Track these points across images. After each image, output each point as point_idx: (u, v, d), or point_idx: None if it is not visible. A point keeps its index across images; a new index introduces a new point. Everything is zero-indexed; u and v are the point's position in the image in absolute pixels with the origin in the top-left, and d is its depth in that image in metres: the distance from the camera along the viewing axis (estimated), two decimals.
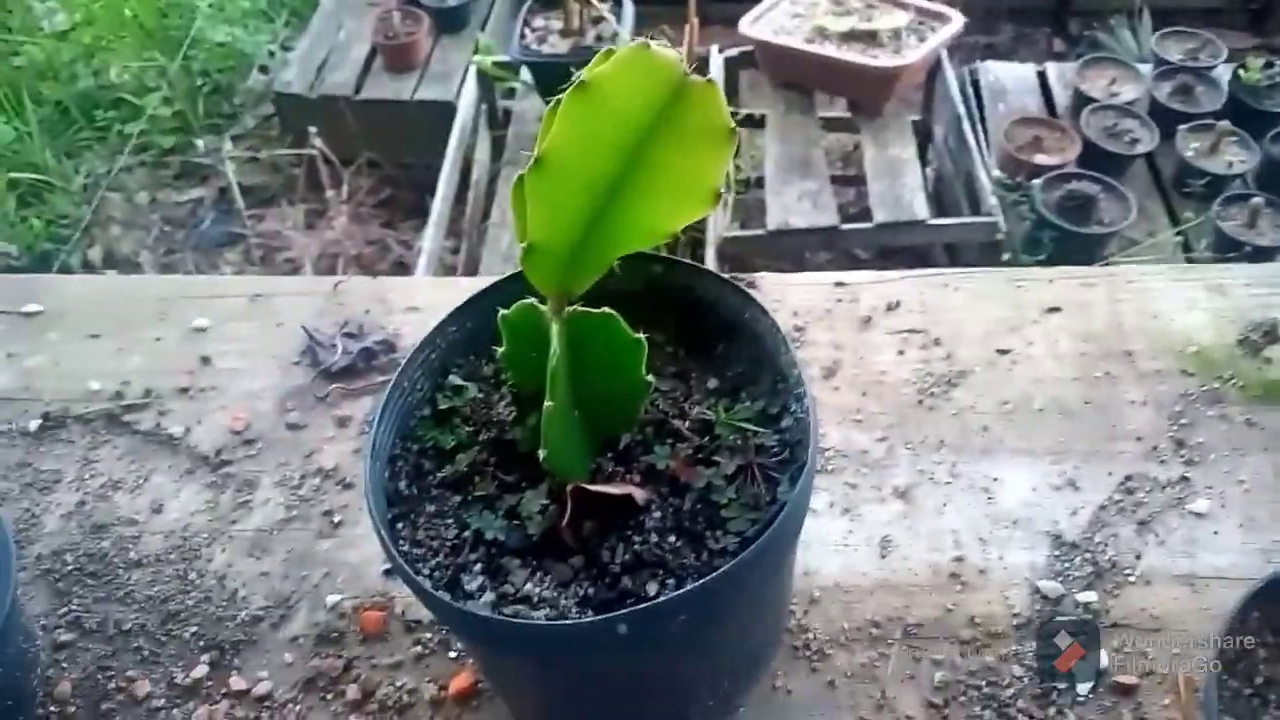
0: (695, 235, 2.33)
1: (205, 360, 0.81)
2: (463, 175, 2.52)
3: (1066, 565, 0.65)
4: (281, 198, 2.93)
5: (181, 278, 1.69)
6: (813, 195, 2.24)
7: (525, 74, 2.47)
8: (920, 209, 2.18)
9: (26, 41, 3.25)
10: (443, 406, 0.54)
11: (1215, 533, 0.66)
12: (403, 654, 0.65)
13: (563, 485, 0.50)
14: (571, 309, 0.47)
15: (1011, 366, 0.75)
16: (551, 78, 2.31)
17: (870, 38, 2.36)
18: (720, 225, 2.23)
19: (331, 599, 0.67)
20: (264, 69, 3.25)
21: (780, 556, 0.50)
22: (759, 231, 2.20)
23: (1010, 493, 0.69)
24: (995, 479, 0.70)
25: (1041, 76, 2.50)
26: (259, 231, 2.86)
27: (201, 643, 0.66)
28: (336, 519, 0.71)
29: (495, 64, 2.60)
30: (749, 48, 2.52)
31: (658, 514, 0.50)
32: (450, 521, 0.51)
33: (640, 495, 0.50)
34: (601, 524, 0.50)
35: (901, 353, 0.77)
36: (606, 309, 0.47)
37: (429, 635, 0.65)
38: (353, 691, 0.63)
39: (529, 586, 0.48)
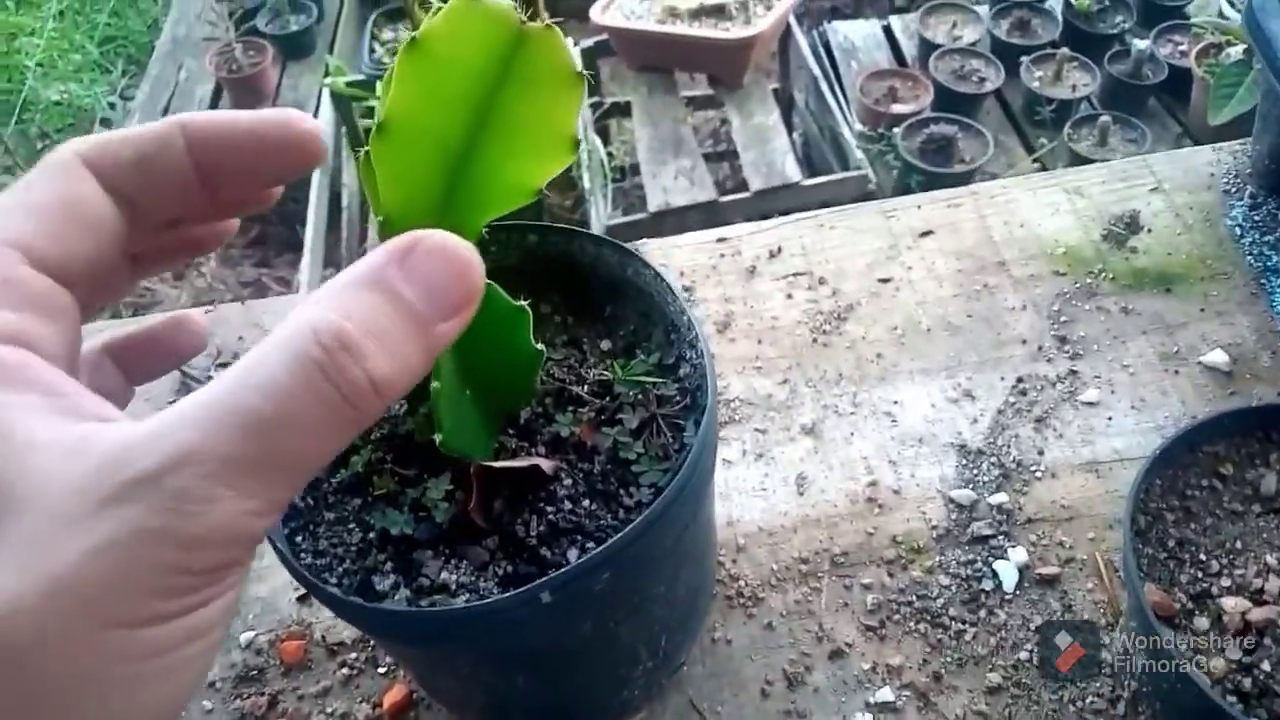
0: (580, 227, 2.32)
1: None
2: (333, 201, 2.46)
3: (975, 472, 0.67)
4: None
5: None
6: (688, 173, 2.26)
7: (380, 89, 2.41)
8: (793, 172, 2.22)
9: None
10: None
11: (1109, 418, 0.68)
12: (329, 679, 0.62)
13: (466, 468, 0.48)
14: None
15: (895, 293, 0.77)
16: None
17: (719, 12, 2.40)
18: (603, 215, 2.22)
19: (246, 636, 0.64)
20: (105, 122, 3.11)
21: (696, 502, 0.49)
22: (641, 216, 2.21)
23: (912, 412, 0.70)
24: (896, 402, 0.71)
25: (887, 30, 2.57)
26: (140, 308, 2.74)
27: None
28: None
29: (348, 84, 2.54)
30: (603, 36, 2.52)
31: (568, 481, 0.49)
32: (353, 526, 0.49)
33: (547, 465, 0.49)
34: (512, 500, 0.48)
35: (789, 296, 0.78)
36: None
37: (354, 655, 0.63)
38: None
39: (445, 575, 0.46)
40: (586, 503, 0.48)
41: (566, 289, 0.58)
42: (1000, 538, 0.64)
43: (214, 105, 2.79)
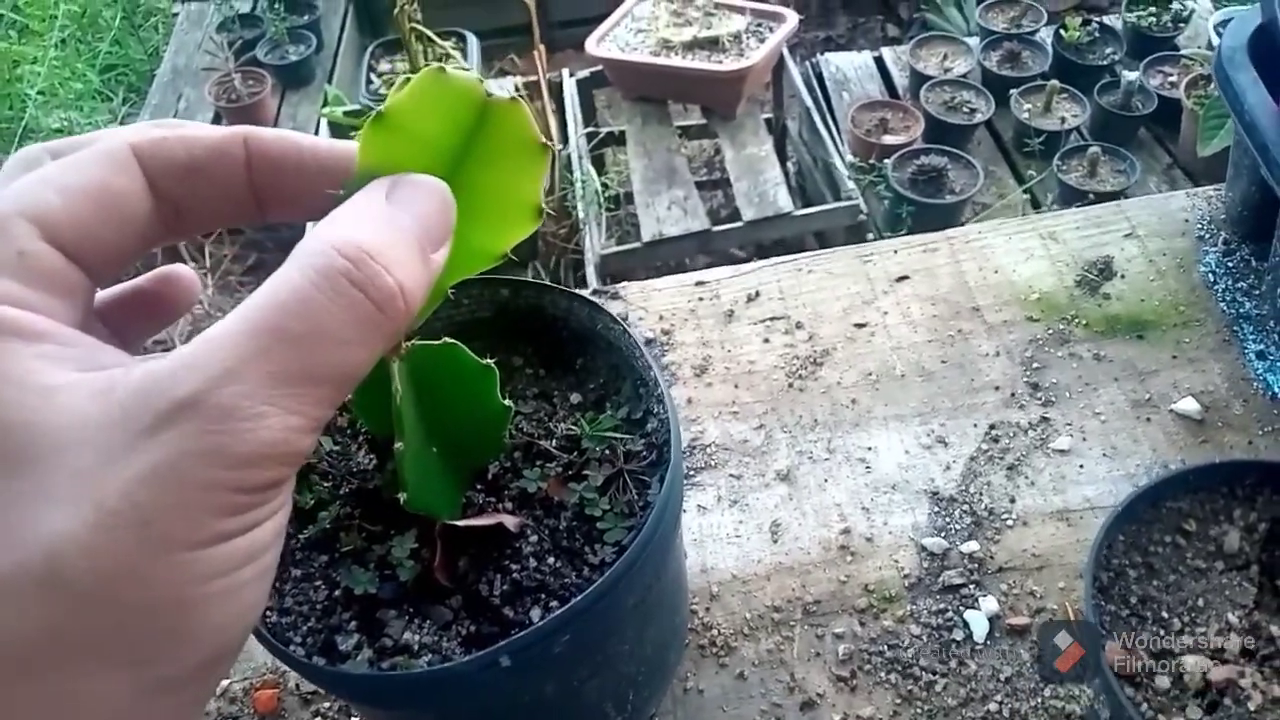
0: (575, 256, 2.33)
1: None
2: None
3: (947, 520, 0.67)
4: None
5: None
6: (681, 202, 2.27)
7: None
8: (784, 202, 2.23)
9: None
10: None
11: (1080, 466, 0.69)
12: None
13: (432, 526, 0.49)
14: (410, 344, 0.46)
15: (870, 338, 0.77)
16: None
17: (713, 44, 2.42)
18: (597, 244, 2.24)
19: (221, 684, 0.64)
20: None
21: (659, 560, 0.50)
22: (635, 245, 2.22)
23: (885, 459, 0.70)
24: (870, 448, 0.71)
25: (879, 61, 2.59)
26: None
27: None
28: None
29: (346, 114, 2.56)
30: (599, 67, 2.55)
31: (534, 538, 0.50)
32: (319, 583, 0.49)
33: (512, 522, 0.49)
34: (477, 558, 0.49)
35: (767, 340, 0.78)
36: (448, 339, 0.47)
37: (327, 704, 0.63)
38: None
39: (408, 635, 0.46)
40: (551, 560, 0.49)
41: (538, 341, 0.59)
42: (971, 586, 0.64)
43: None
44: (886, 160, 2.20)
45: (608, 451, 0.52)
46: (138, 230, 0.33)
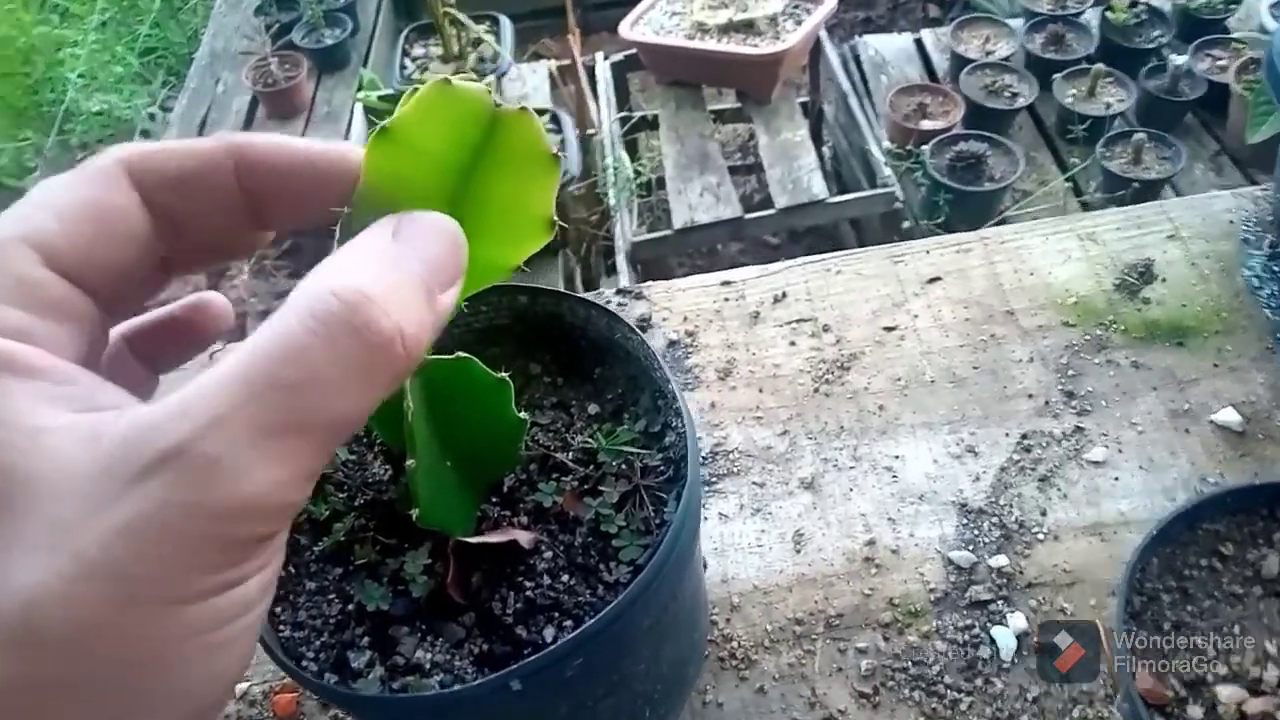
0: (606, 243, 2.32)
1: None
2: None
3: (975, 532, 0.66)
4: None
5: None
6: (714, 189, 2.25)
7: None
8: (818, 188, 2.20)
9: None
10: None
11: (1115, 479, 0.67)
12: None
13: (446, 541, 0.48)
14: (424, 359, 0.45)
15: (900, 342, 0.76)
16: None
17: (748, 27, 2.39)
18: (628, 231, 2.22)
19: (240, 687, 0.65)
20: (145, 133, 3.16)
21: (675, 581, 0.49)
22: (666, 232, 2.21)
23: (913, 468, 0.69)
24: (897, 457, 0.70)
25: (919, 44, 2.54)
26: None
27: None
28: None
29: (380, 98, 2.56)
30: (633, 51, 2.52)
31: (549, 554, 0.49)
32: (333, 596, 0.49)
33: (525, 538, 0.48)
34: (491, 574, 0.48)
35: (793, 344, 0.77)
36: (461, 353, 0.46)
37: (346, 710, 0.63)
38: None
39: (420, 654, 0.46)
40: (566, 578, 0.48)
41: (557, 348, 0.58)
42: (999, 602, 0.62)
43: (250, 117, 2.83)
44: (924, 146, 2.16)
45: (624, 466, 0.51)
46: (138, 248, 0.33)
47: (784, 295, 0.80)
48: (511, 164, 0.42)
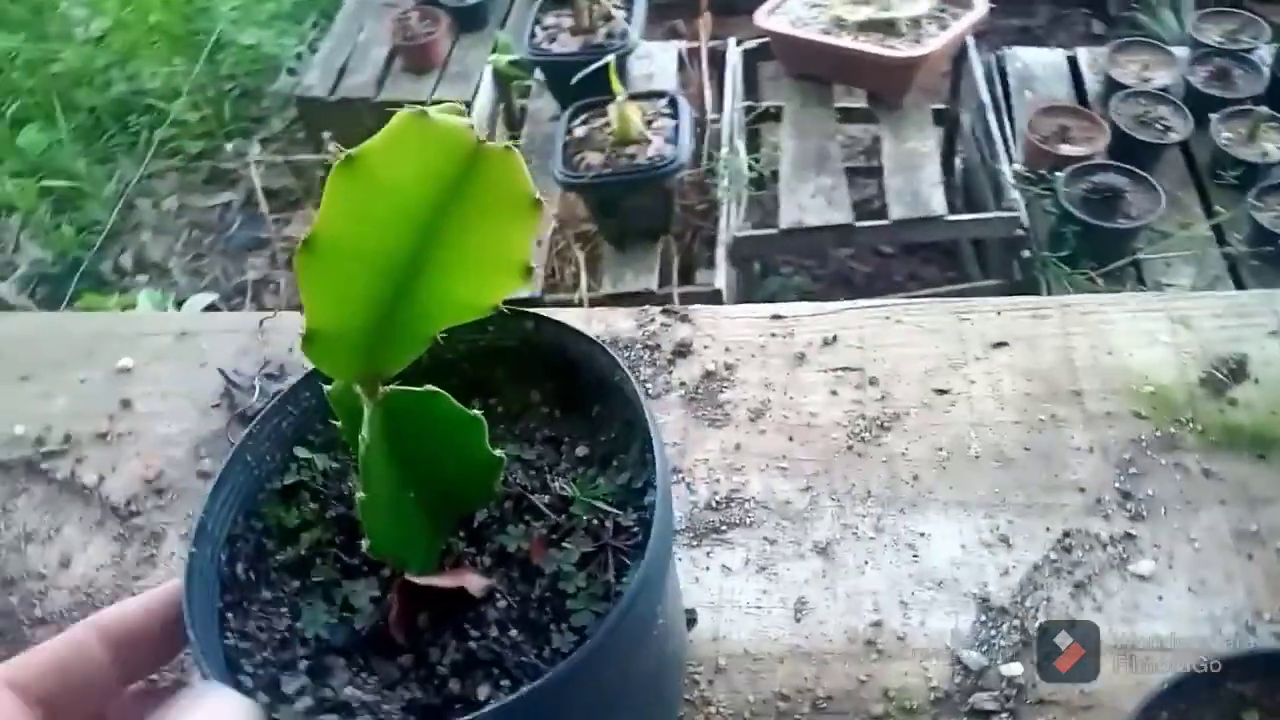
0: (709, 235, 2.28)
1: (126, 404, 0.80)
2: None
3: (993, 633, 0.60)
4: (305, 201, 2.95)
5: (112, 315, 1.68)
6: (827, 191, 2.18)
7: (540, 73, 2.44)
8: (937, 204, 2.10)
9: (62, 49, 3.31)
10: (289, 481, 0.51)
11: (1159, 597, 0.61)
12: None
13: (398, 574, 0.47)
14: (386, 389, 0.43)
15: (949, 408, 0.70)
16: (561, 77, 2.27)
17: (888, 26, 2.29)
18: (733, 224, 2.18)
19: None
20: (291, 71, 3.27)
21: (626, 656, 0.46)
22: (771, 231, 2.15)
23: (938, 550, 0.64)
24: (922, 534, 0.65)
25: (1072, 62, 2.39)
26: (284, 236, 2.89)
27: None
28: None
29: (510, 63, 2.57)
30: (766, 39, 2.46)
31: (502, 604, 0.47)
32: (285, 610, 0.48)
33: (477, 585, 0.46)
34: (437, 616, 0.47)
35: (835, 393, 0.72)
36: (430, 386, 0.44)
37: None
38: None
39: (350, 690, 0.44)
40: (515, 632, 0.46)
41: (560, 378, 0.56)
42: (1005, 715, 0.57)
43: (387, 69, 2.88)
44: (1059, 173, 2.03)
45: (596, 522, 0.48)
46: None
47: (834, 339, 0.75)
48: (490, 204, 0.40)
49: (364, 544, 0.44)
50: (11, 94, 3.14)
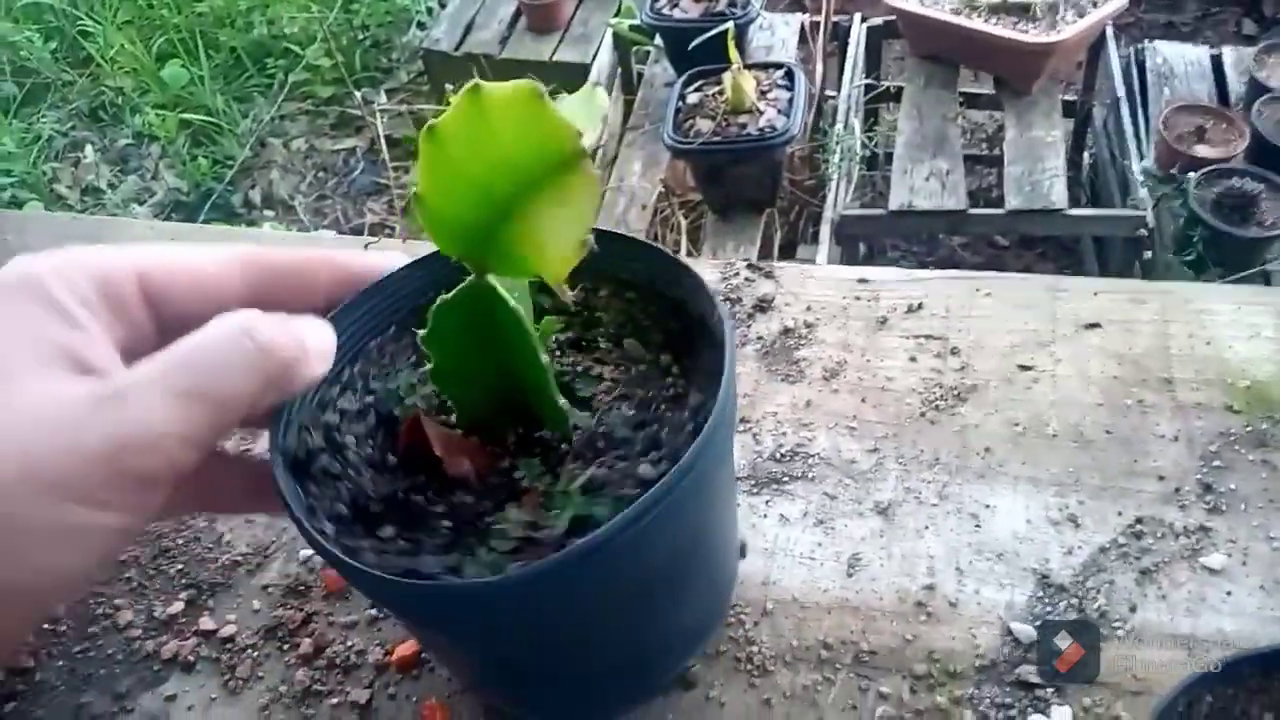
0: (815, 211, 2.26)
1: None
2: None
3: (1048, 609, 0.60)
4: None
5: (225, 229, 1.75)
6: (942, 175, 2.13)
7: (659, 38, 2.44)
8: (1058, 197, 2.03)
9: None
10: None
11: (1228, 593, 0.59)
12: (359, 615, 0.66)
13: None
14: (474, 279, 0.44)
15: (1031, 385, 0.69)
16: (680, 43, 2.27)
17: (1024, 11, 2.22)
18: (840, 201, 2.15)
19: (305, 552, 0.69)
20: (421, 25, 3.35)
21: (709, 487, 0.47)
22: (879, 212, 2.12)
23: (1001, 522, 0.63)
24: (987, 505, 0.64)
25: (1216, 61, 2.27)
26: (401, 184, 2.98)
27: (184, 580, 0.69)
28: None
29: (630, 28, 2.58)
30: (893, 16, 2.41)
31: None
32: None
33: (462, 469, 0.48)
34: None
35: (914, 359, 0.72)
36: (490, 278, 0.45)
37: None
38: (306, 645, 0.65)
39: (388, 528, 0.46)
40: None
41: (667, 317, 0.54)
42: (1050, 690, 0.57)
43: (512, 27, 2.93)
44: (1191, 175, 1.94)
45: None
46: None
47: (919, 306, 0.75)
48: (555, 211, 0.40)
49: (420, 333, 0.46)
50: (159, 29, 3.30)
